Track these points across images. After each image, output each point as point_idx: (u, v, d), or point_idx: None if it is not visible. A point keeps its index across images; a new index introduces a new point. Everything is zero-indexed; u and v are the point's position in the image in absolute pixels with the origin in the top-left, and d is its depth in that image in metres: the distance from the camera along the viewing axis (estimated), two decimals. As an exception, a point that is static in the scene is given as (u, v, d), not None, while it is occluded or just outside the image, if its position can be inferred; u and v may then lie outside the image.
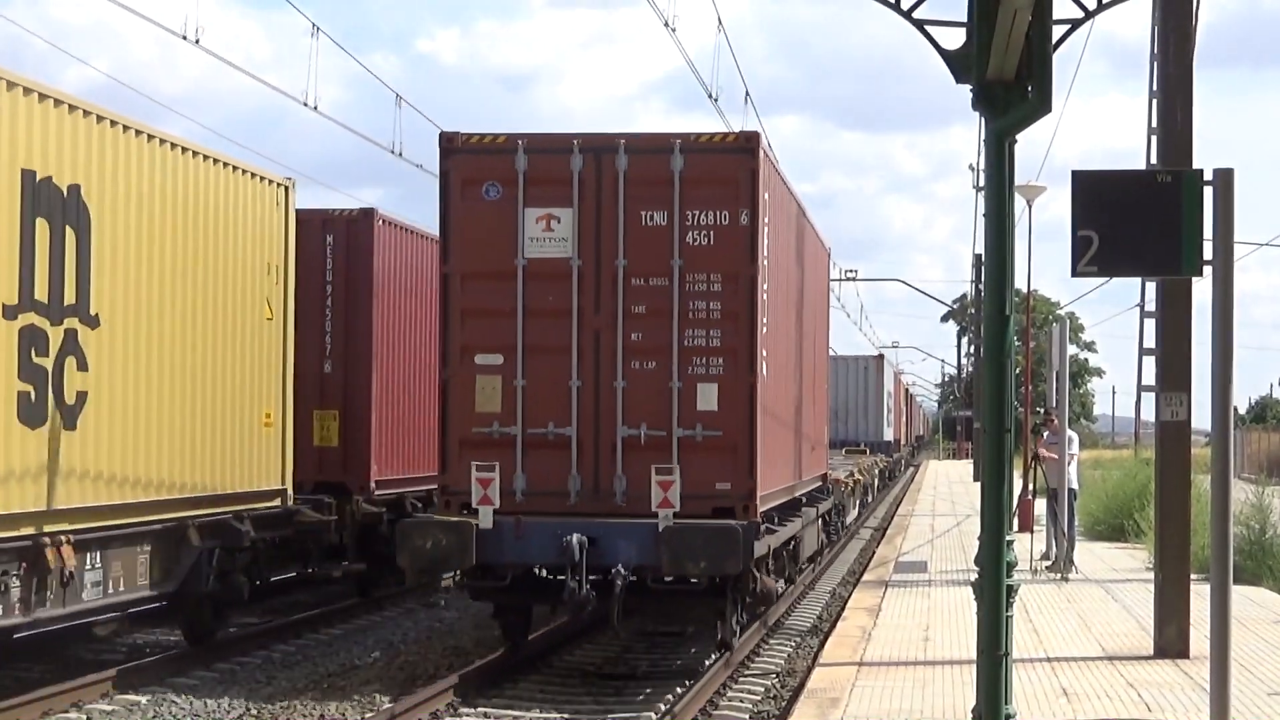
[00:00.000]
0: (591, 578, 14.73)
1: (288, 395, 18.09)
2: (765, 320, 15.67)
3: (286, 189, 18.08)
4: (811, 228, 21.14)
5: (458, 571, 15.98)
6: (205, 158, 16.24)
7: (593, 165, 15.32)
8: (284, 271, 18.05)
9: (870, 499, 43.15)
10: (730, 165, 15.25)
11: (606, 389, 15.25)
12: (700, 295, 15.20)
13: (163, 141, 15.38)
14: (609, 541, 14.75)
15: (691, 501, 14.94)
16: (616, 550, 14.73)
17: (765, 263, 15.60)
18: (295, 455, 18.41)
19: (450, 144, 15.53)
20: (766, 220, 15.69)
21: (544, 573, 15.56)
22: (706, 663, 16.05)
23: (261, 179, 17.55)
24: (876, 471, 45.25)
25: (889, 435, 57.85)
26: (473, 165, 15.42)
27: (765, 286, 15.64)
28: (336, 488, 19.88)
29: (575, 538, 14.61)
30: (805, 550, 21.11)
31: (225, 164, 16.70)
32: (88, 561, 14.08)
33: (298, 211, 18.77)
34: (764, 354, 15.56)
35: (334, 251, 20.37)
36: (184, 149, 15.80)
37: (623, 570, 14.61)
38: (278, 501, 17.77)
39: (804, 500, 20.88)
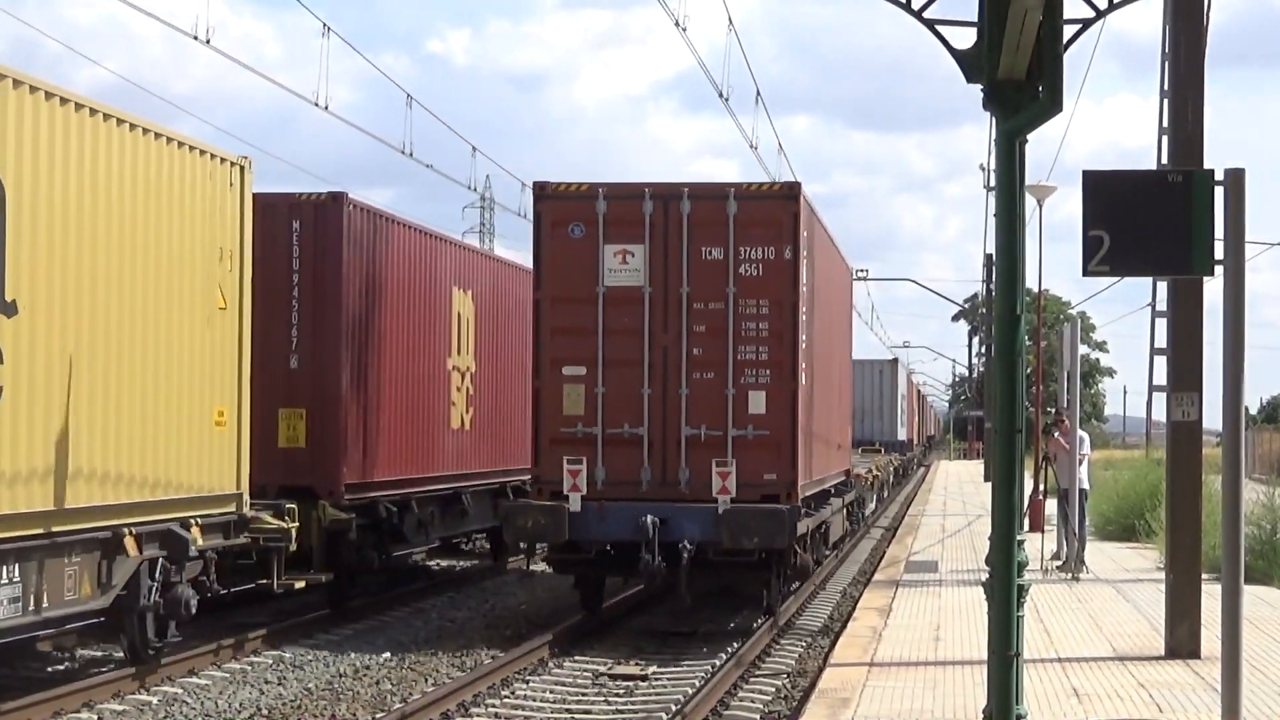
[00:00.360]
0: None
1: (244, 392, 16.55)
2: (804, 338, 18.55)
3: (242, 168, 16.47)
4: (839, 252, 24.36)
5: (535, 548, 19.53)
6: (145, 131, 14.68)
7: (661, 209, 18.24)
8: (239, 257, 16.42)
9: (886, 494, 45.87)
10: (776, 210, 18.22)
11: (673, 395, 18.13)
12: (751, 317, 18.10)
13: (94, 112, 13.79)
14: (676, 522, 17.65)
15: (744, 489, 17.81)
16: (683, 529, 17.63)
17: (804, 290, 18.49)
18: (260, 457, 17.27)
19: (542, 191, 18.54)
20: (805, 254, 18.54)
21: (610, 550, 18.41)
22: (718, 658, 16.10)
23: (213, 156, 15.95)
24: (891, 469, 48.14)
25: (902, 435, 61.13)
26: (561, 209, 18.35)
27: (804, 310, 18.52)
28: (304, 491, 18.35)
29: (649, 518, 17.48)
30: (833, 534, 24.26)
31: (170, 139, 15.10)
32: (4, 575, 12.63)
33: (262, 195, 17.64)
34: (803, 366, 18.47)
35: (301, 238, 18.86)
36: (119, 120, 14.20)
37: (688, 545, 17.47)
38: (232, 507, 16.27)
39: (832, 491, 23.60)
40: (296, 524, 17.43)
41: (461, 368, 23.24)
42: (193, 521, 15.30)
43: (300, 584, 18.24)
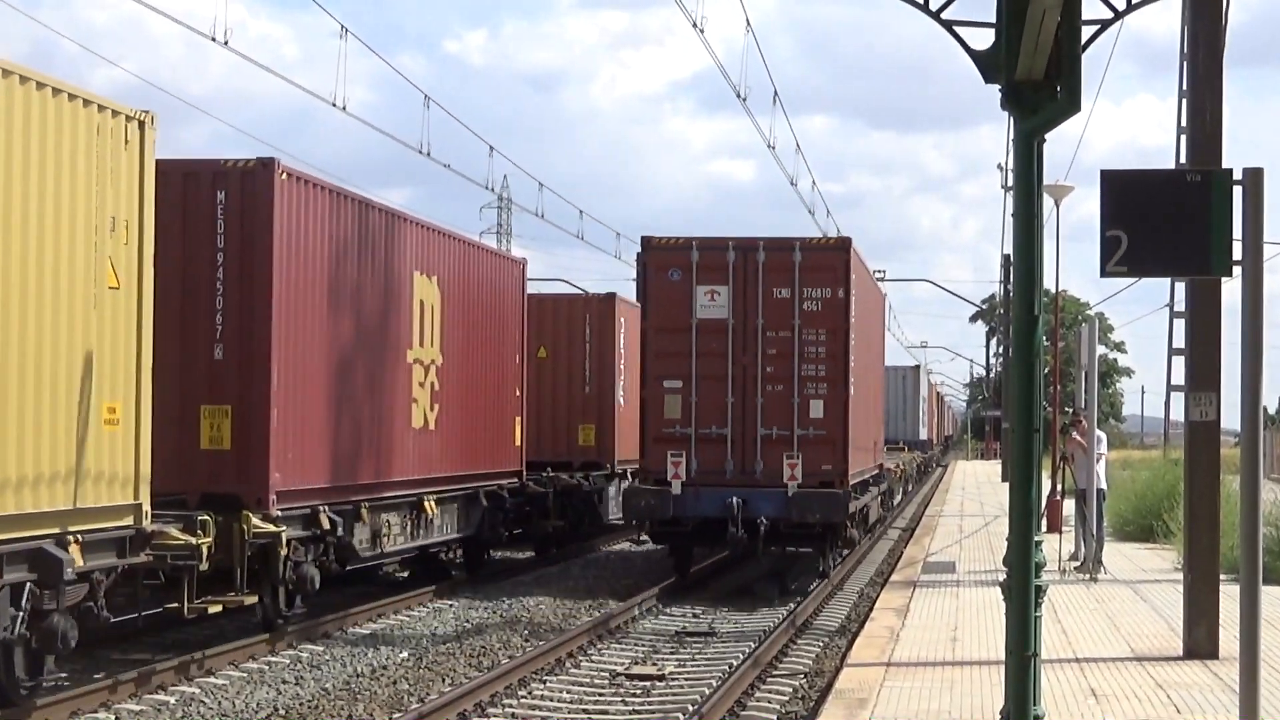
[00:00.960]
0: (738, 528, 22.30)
1: (143, 385, 13.98)
2: (853, 359, 23.26)
3: (141, 124, 13.85)
4: (875, 284, 29.91)
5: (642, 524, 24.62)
6: (7, 73, 12.13)
7: (741, 258, 23.11)
8: (138, 229, 13.87)
9: (910, 487, 51.95)
10: (832, 259, 23.22)
11: (750, 403, 22.96)
12: (811, 343, 22.94)
13: None
14: (755, 502, 22.44)
15: (807, 477, 22.66)
16: (760, 507, 22.42)
17: (853, 320, 23.30)
18: (178, 461, 15.73)
19: (648, 243, 23.50)
20: (854, 293, 23.37)
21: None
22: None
23: (101, 109, 13.32)
24: (914, 465, 54.80)
25: (923, 435, 66.62)
26: (662, 257, 23.34)
27: (853, 336, 23.25)
28: (229, 500, 16.21)
29: (734, 499, 22.32)
30: (871, 517, 29.28)
31: (40, 84, 12.51)
32: None
33: (182, 162, 16.19)
34: (852, 380, 23.20)
35: (226, 211, 16.57)
36: None
37: (764, 520, 22.27)
38: (127, 520, 13.74)
39: (870, 481, 28.07)
40: (209, 538, 15.28)
41: (425, 361, 21.24)
42: (72, 538, 12.90)
43: (216, 608, 15.94)
